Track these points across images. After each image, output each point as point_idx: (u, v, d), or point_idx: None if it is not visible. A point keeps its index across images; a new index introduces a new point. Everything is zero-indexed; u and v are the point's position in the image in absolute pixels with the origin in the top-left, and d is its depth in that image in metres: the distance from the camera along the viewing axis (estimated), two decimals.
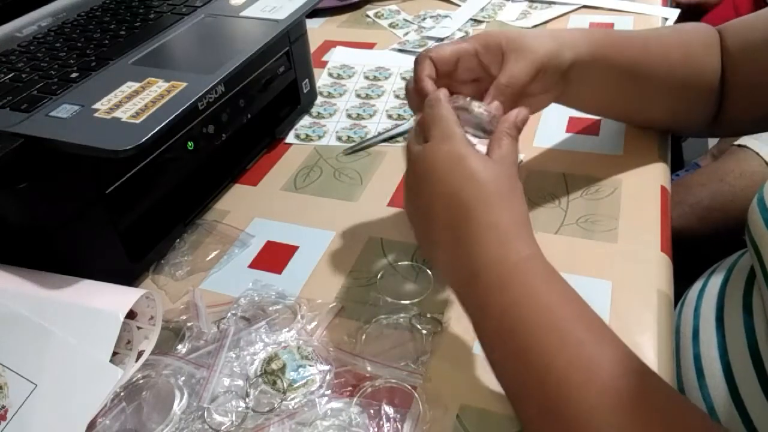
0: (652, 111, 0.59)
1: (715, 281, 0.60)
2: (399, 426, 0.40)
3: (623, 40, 0.54)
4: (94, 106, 0.45)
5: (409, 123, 0.69)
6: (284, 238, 0.57)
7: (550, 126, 0.67)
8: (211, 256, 0.55)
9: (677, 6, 1.06)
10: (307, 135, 0.71)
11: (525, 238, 0.39)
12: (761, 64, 0.52)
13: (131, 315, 0.44)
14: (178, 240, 0.57)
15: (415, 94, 0.48)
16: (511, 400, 0.38)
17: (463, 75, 0.49)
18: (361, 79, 0.80)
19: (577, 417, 0.33)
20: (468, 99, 0.46)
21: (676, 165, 0.70)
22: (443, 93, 0.45)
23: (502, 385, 0.38)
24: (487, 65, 0.49)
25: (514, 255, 0.38)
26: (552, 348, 0.35)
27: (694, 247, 0.87)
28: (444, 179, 0.40)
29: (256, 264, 0.54)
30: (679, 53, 0.55)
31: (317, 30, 0.96)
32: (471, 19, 0.93)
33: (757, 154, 0.91)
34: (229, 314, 0.48)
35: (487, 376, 0.42)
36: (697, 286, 0.63)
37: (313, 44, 0.83)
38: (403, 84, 0.78)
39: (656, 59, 0.54)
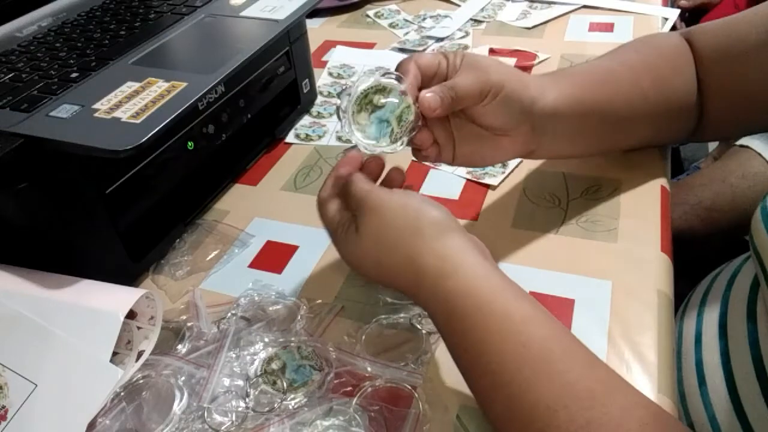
0: (631, 139, 0.57)
1: (719, 286, 0.60)
2: (399, 426, 0.40)
3: (593, 82, 0.52)
4: (94, 106, 0.45)
5: None
6: (284, 238, 0.57)
7: None
8: (211, 256, 0.55)
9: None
10: (307, 135, 0.71)
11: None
12: (736, 69, 0.52)
13: (131, 315, 0.44)
14: (178, 240, 0.57)
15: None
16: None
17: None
18: None
19: None
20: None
21: (675, 170, 0.69)
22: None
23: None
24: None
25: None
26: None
27: (695, 247, 0.87)
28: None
29: (256, 264, 0.54)
30: (649, 82, 0.52)
31: (317, 30, 0.96)
32: (471, 19, 0.93)
33: (760, 154, 0.90)
34: (229, 314, 0.48)
35: None
36: (700, 289, 0.63)
37: (313, 44, 0.83)
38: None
39: (629, 93, 0.52)
